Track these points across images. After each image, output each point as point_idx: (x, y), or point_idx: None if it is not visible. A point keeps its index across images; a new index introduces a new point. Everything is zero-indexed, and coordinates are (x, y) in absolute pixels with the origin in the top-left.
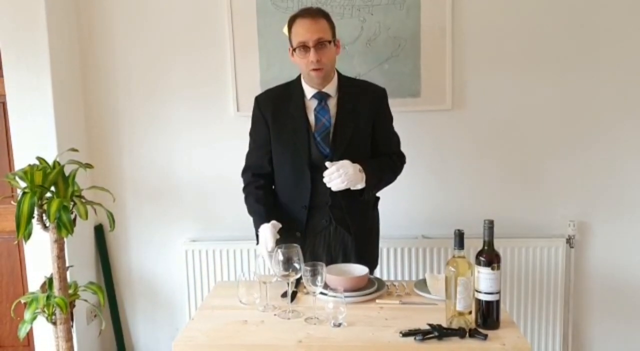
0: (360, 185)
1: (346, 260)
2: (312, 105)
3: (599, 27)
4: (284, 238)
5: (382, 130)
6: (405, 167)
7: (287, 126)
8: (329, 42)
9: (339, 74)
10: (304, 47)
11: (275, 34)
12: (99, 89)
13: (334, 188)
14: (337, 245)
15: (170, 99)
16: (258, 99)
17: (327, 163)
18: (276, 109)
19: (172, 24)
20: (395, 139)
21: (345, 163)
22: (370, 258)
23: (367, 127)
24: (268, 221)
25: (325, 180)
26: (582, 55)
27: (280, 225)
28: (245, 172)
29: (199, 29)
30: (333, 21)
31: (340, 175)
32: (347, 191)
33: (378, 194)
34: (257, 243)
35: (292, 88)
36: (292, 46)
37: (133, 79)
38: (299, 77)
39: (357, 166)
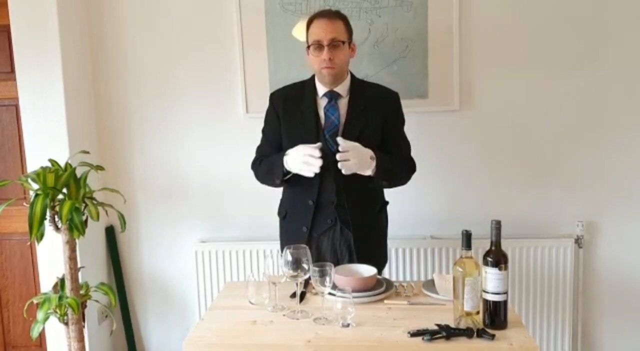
0: (369, 172)
1: (351, 261)
2: (323, 103)
3: (608, 25)
4: (291, 236)
5: (392, 134)
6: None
7: (298, 122)
8: (344, 42)
9: (353, 76)
10: (319, 45)
11: (284, 35)
12: (110, 91)
13: (344, 171)
14: (343, 245)
15: (181, 100)
16: (272, 95)
17: (339, 139)
18: (288, 105)
19: (182, 24)
20: (405, 144)
21: (357, 145)
22: (376, 260)
23: (375, 129)
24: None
25: (338, 156)
26: (590, 55)
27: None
28: (253, 161)
29: (209, 30)
30: (351, 25)
31: (353, 156)
32: (354, 190)
33: (387, 198)
34: (282, 173)
35: (306, 87)
36: (308, 44)
37: (143, 80)
38: (313, 77)
39: (369, 152)
